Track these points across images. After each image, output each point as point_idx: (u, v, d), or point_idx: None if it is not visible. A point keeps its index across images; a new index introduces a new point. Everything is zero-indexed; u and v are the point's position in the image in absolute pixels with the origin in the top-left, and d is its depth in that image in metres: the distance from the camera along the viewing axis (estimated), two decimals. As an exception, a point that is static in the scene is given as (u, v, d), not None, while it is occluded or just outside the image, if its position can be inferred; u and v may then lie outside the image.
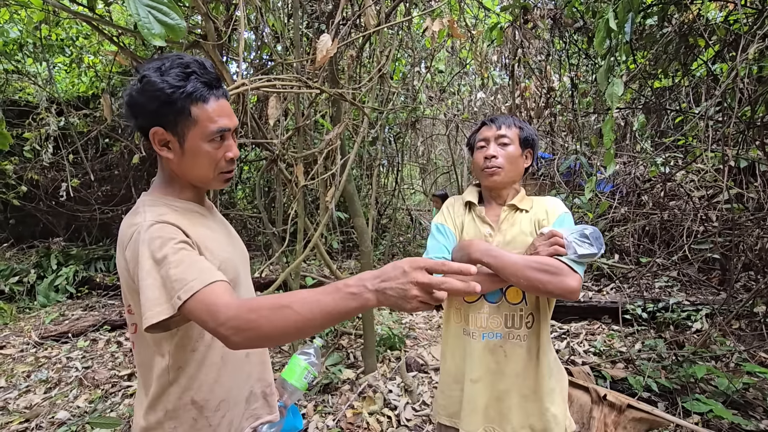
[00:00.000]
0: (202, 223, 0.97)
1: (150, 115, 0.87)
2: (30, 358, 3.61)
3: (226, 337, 0.74)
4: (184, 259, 0.81)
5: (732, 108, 2.42)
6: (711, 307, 3.20)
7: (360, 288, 0.71)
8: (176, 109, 0.86)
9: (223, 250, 0.97)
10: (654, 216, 3.95)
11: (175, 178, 0.96)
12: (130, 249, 0.85)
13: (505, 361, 1.21)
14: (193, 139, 0.89)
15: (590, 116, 4.78)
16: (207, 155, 0.90)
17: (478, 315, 1.24)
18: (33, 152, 4.73)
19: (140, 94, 0.86)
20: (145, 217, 0.86)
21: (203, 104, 0.87)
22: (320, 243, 3.48)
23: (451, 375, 1.31)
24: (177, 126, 0.87)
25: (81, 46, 5.10)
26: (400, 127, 6.60)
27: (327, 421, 2.51)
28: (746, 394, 2.37)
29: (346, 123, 2.38)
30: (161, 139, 0.89)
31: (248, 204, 6.94)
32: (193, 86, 0.86)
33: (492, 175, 1.26)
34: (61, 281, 5.27)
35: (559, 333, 3.57)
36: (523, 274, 1.09)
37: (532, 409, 1.21)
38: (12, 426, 2.63)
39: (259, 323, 0.73)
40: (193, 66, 0.87)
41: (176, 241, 0.83)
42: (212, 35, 2.16)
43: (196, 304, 0.76)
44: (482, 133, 1.32)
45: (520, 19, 3.18)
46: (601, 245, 1.12)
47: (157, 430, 0.94)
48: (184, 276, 0.78)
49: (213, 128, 0.89)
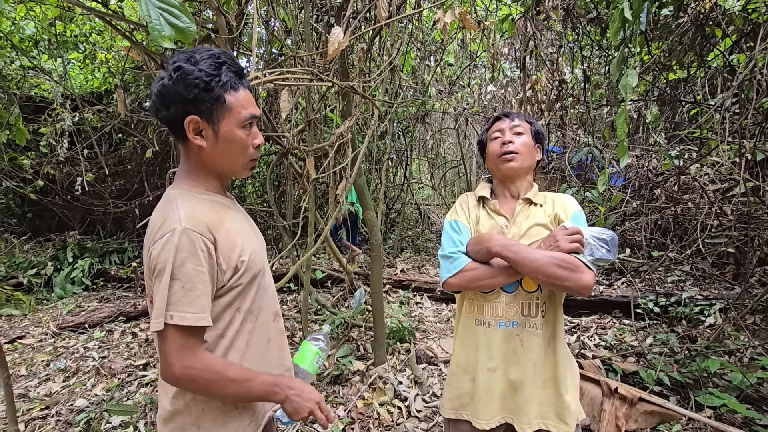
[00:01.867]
0: (229, 215, 0.99)
1: (186, 104, 0.89)
2: (48, 347, 3.71)
3: (176, 375, 0.87)
4: (197, 286, 0.87)
5: (750, 99, 2.37)
6: (725, 302, 3.16)
7: (282, 390, 0.97)
8: (213, 97, 0.89)
9: (250, 241, 1.01)
10: (667, 210, 3.90)
11: (202, 168, 0.98)
12: (158, 247, 0.87)
13: (522, 350, 1.22)
14: (228, 126, 0.93)
15: (602, 109, 4.71)
16: (240, 141, 0.95)
17: (495, 304, 1.24)
18: (49, 147, 4.81)
19: (176, 83, 0.88)
20: (179, 217, 0.88)
21: (235, 92, 0.92)
22: (330, 236, 3.51)
23: (461, 366, 1.32)
24: (212, 113, 0.91)
25: (94, 42, 5.16)
26: (409, 121, 6.58)
27: (338, 412, 2.54)
28: (760, 389, 2.34)
29: (357, 116, 2.39)
30: (196, 127, 0.91)
31: (258, 198, 6.99)
32: (226, 75, 0.90)
33: (510, 160, 1.28)
34: (77, 274, 5.39)
35: (570, 327, 3.56)
36: (542, 270, 1.10)
37: (548, 398, 1.22)
38: (33, 412, 2.72)
39: (212, 386, 0.90)
40: (223, 57, 0.92)
41: (200, 261, 0.87)
42: (224, 30, 2.17)
43: (176, 333, 0.86)
44: (496, 125, 1.35)
45: (532, 10, 3.15)
46: (616, 252, 1.15)
47: (185, 413, 0.96)
48: (187, 303, 0.86)
49: (246, 114, 0.94)
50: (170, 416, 0.98)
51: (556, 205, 1.28)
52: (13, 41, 4.13)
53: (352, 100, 2.84)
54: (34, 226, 6.73)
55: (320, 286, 4.80)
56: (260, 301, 1.03)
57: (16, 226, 6.54)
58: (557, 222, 1.24)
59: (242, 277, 0.96)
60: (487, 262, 1.19)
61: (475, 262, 1.21)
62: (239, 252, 0.95)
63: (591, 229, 1.17)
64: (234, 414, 0.99)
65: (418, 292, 4.57)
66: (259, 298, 1.03)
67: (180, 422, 0.97)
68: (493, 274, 1.18)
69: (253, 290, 1.00)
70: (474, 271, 1.19)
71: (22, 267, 5.41)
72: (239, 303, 0.98)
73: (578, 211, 1.25)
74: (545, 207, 1.28)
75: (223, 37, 2.12)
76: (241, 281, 0.96)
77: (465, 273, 1.20)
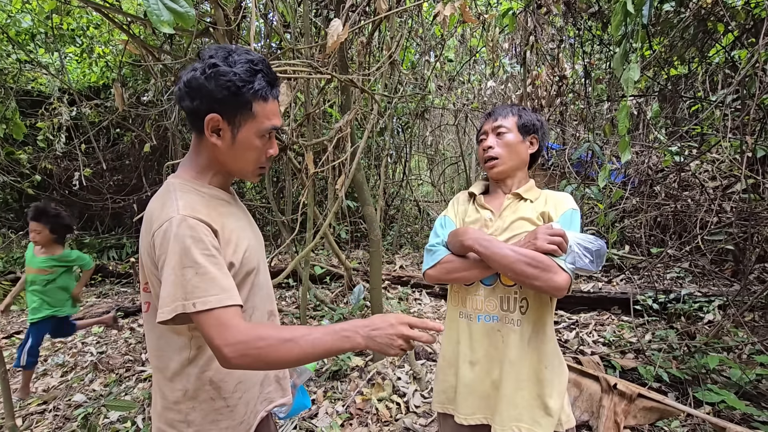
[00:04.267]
0: (227, 211, 0.98)
1: (213, 102, 0.88)
2: (46, 342, 3.70)
3: (227, 357, 0.81)
4: (210, 270, 0.84)
5: (753, 95, 2.36)
6: (724, 299, 3.16)
7: (353, 333, 0.85)
8: (241, 102, 0.89)
9: (247, 237, 1.00)
10: (666, 206, 3.89)
11: (212, 164, 0.98)
12: (159, 237, 0.86)
13: (502, 346, 1.19)
14: (248, 132, 0.92)
15: (602, 106, 4.69)
16: (256, 149, 0.95)
17: (475, 297, 1.23)
18: (46, 142, 4.79)
19: (208, 79, 0.87)
20: (177, 207, 0.87)
21: (263, 102, 0.92)
22: (329, 232, 3.49)
23: (447, 359, 1.31)
24: (236, 117, 0.90)
25: (91, 36, 5.12)
26: (408, 117, 6.55)
27: (336, 407, 2.54)
28: (759, 386, 2.34)
29: (357, 111, 2.37)
30: (215, 126, 0.91)
31: (257, 194, 6.98)
32: (260, 84, 0.90)
33: (492, 167, 1.29)
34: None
35: (569, 323, 3.56)
36: (511, 266, 1.09)
37: (523, 399, 1.17)
38: (31, 407, 2.71)
39: (266, 352, 0.82)
40: (260, 64, 0.91)
41: (206, 244, 0.85)
42: (222, 22, 2.15)
43: (207, 318, 0.82)
44: (483, 125, 1.35)
45: (533, 4, 3.12)
46: (600, 265, 1.11)
47: (174, 409, 0.96)
48: (206, 287, 0.83)
49: (268, 125, 0.93)
50: (162, 411, 0.97)
51: (548, 202, 1.26)
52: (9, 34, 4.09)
53: (351, 94, 2.82)
54: (32, 221, 6.69)
55: (319, 282, 4.80)
56: (253, 300, 1.02)
57: (14, 221, 6.52)
58: (545, 219, 1.22)
59: (236, 274, 0.94)
60: (464, 255, 1.20)
61: (453, 254, 1.22)
62: (233, 248, 0.94)
63: (579, 236, 1.12)
64: (225, 412, 0.97)
65: (417, 288, 4.57)
66: (252, 296, 1.01)
67: (171, 417, 0.96)
68: (468, 267, 1.18)
69: (246, 288, 0.98)
70: (450, 263, 1.21)
71: (19, 262, 5.39)
72: None
73: (570, 209, 1.22)
74: (536, 203, 1.26)
75: (221, 29, 2.09)
76: (235, 278, 0.94)
77: (442, 265, 1.22)
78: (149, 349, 0.99)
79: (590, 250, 1.10)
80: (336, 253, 3.95)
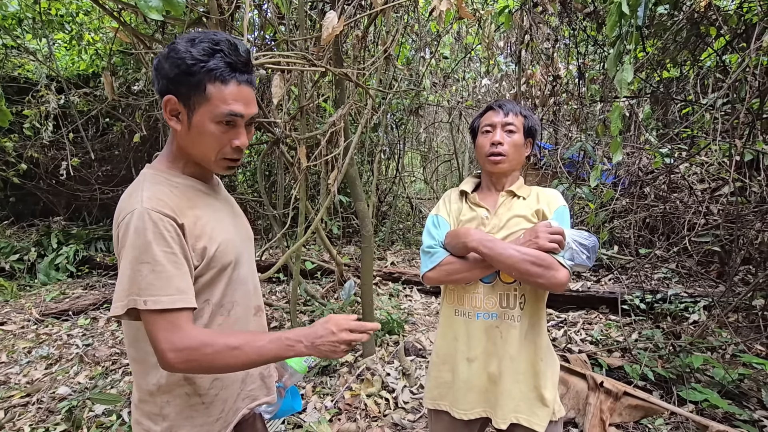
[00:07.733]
0: (203, 202, 0.95)
1: (169, 82, 0.86)
2: (31, 334, 3.64)
3: (170, 361, 0.81)
4: (167, 268, 0.82)
5: (743, 99, 2.39)
6: (709, 300, 3.21)
7: (296, 342, 0.88)
8: (192, 82, 0.84)
9: (223, 230, 0.97)
10: (655, 208, 3.94)
11: (181, 152, 0.95)
12: (122, 229, 0.84)
13: (501, 342, 1.21)
14: (201, 116, 0.87)
15: (595, 106, 4.73)
16: (211, 136, 0.88)
17: (474, 295, 1.24)
18: (33, 130, 4.69)
19: (165, 59, 0.85)
20: (142, 198, 0.84)
21: (221, 84, 0.85)
22: (320, 227, 3.47)
23: (441, 356, 1.32)
24: (189, 99, 0.86)
25: (81, 22, 5.01)
26: (402, 114, 6.54)
27: (325, 402, 2.54)
28: (741, 385, 2.39)
29: (351, 105, 2.35)
30: (173, 108, 0.88)
31: (249, 188, 6.91)
32: (215, 63, 0.84)
33: (497, 163, 1.27)
34: (62, 260, 5.28)
35: (557, 321, 3.59)
36: (516, 266, 1.11)
37: (521, 392, 1.21)
38: (14, 400, 2.67)
39: (212, 358, 0.83)
40: (222, 44, 0.85)
41: (167, 241, 0.83)
42: (215, 12, 2.11)
43: (157, 318, 0.81)
44: (489, 117, 1.31)
45: (530, 2, 3.12)
46: (594, 260, 1.15)
47: (150, 402, 0.94)
48: (160, 286, 0.81)
49: (224, 110, 0.86)
50: (139, 402, 0.96)
51: (540, 199, 1.28)
52: (-5, 18, 3.99)
53: (345, 88, 2.79)
54: (18, 210, 6.58)
55: (310, 277, 4.78)
56: (233, 295, 0.99)
57: (-2, 210, 6.39)
58: (540, 216, 1.24)
59: (208, 268, 0.92)
60: (464, 256, 1.20)
61: (453, 256, 1.22)
62: (206, 241, 0.91)
63: (574, 233, 1.16)
64: (200, 408, 0.96)
65: (408, 285, 4.58)
66: (231, 291, 0.98)
67: (147, 409, 0.95)
68: (470, 268, 1.19)
69: (222, 282, 0.96)
70: (451, 265, 1.21)
71: (4, 252, 5.29)
72: (207, 294, 0.94)
73: (562, 206, 1.25)
74: (528, 200, 1.28)
75: (214, 18, 2.06)
76: (208, 272, 0.92)
77: (442, 267, 1.22)
78: (126, 341, 0.98)
79: (586, 246, 1.13)
80: (327, 249, 3.93)
